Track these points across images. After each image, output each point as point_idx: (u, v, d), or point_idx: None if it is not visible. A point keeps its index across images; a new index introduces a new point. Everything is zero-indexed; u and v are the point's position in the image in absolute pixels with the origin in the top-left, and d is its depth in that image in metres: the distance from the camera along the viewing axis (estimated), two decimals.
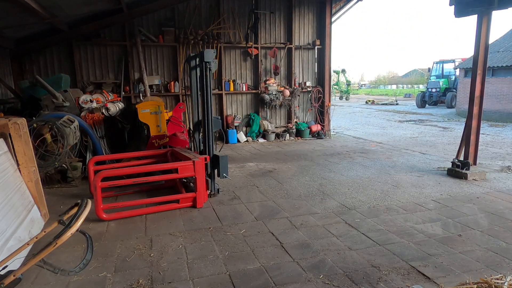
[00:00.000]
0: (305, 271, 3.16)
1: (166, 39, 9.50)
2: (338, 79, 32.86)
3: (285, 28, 10.80)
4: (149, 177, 5.03)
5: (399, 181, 6.06)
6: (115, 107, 7.32)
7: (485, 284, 2.36)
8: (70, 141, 5.56)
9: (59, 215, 2.44)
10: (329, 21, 10.81)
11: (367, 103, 29.79)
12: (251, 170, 7.04)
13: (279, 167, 7.20)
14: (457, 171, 6.18)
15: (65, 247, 3.57)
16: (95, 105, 7.12)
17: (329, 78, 11.28)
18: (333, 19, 11.10)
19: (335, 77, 31.36)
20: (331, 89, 13.08)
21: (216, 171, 5.26)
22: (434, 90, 23.00)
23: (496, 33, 53.38)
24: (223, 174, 5.16)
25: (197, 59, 5.32)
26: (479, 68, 6.08)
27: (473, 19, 6.01)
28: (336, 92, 33.98)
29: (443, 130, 12.89)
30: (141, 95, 9.21)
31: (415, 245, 3.64)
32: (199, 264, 3.32)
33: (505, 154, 8.28)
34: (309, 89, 11.15)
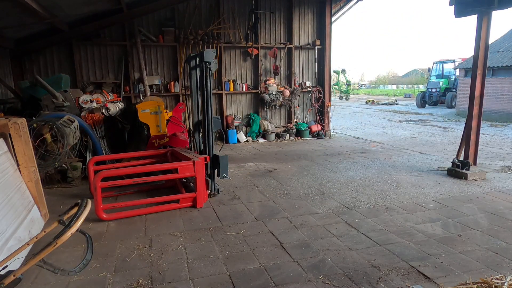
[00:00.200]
0: (305, 271, 3.16)
1: (166, 39, 9.51)
2: (338, 79, 32.87)
3: (285, 28, 10.80)
4: (149, 177, 5.02)
5: (399, 181, 6.06)
6: (115, 107, 7.32)
7: (485, 284, 2.36)
8: (70, 141, 5.56)
9: (59, 215, 2.43)
10: (329, 21, 10.81)
11: (367, 103, 29.79)
12: (251, 170, 7.04)
13: (279, 167, 7.20)
14: (457, 171, 6.19)
15: (65, 247, 3.57)
16: (95, 105, 7.12)
17: (329, 78, 11.28)
18: (333, 19, 11.10)
19: (335, 77, 31.36)
20: (331, 89, 13.07)
21: (216, 171, 5.26)
22: (434, 90, 23.00)
23: (496, 33, 53.50)
24: (223, 174, 5.16)
25: (197, 59, 5.32)
26: (479, 68, 6.08)
27: (473, 19, 6.02)
28: (336, 92, 33.98)
29: (443, 130, 12.88)
30: (141, 95, 9.22)
31: (415, 245, 3.64)
32: (199, 264, 3.32)
33: (505, 154, 8.28)
34: (309, 89, 11.15)
